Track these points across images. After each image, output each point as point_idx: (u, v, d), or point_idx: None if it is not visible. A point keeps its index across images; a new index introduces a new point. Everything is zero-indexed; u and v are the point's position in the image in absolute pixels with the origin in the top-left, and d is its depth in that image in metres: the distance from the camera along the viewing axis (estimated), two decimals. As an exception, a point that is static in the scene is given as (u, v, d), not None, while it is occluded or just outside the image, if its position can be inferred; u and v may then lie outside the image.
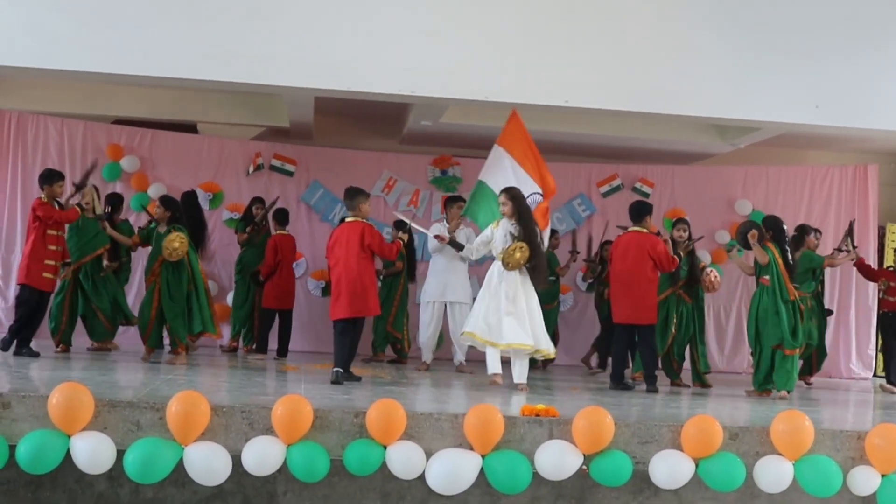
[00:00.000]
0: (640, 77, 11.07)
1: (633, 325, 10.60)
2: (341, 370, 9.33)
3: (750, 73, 11.16)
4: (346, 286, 9.51)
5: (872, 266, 13.45)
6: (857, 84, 11.28)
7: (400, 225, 12.34)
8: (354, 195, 9.73)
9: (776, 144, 14.49)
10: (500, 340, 9.67)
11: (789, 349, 10.25)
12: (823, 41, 11.26)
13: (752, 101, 11.23)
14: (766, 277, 10.44)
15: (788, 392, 10.27)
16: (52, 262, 10.48)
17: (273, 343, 12.70)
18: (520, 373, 9.73)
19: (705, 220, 14.50)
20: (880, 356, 14.60)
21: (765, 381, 10.46)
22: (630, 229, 10.74)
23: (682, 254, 11.11)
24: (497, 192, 10.35)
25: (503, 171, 10.91)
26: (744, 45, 11.17)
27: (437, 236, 10.86)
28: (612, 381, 10.58)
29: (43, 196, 10.47)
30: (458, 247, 10.72)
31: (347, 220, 9.76)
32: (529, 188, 10.66)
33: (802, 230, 12.18)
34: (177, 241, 10.44)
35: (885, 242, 15.06)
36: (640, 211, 10.79)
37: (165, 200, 11.06)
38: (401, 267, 12.56)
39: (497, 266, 9.91)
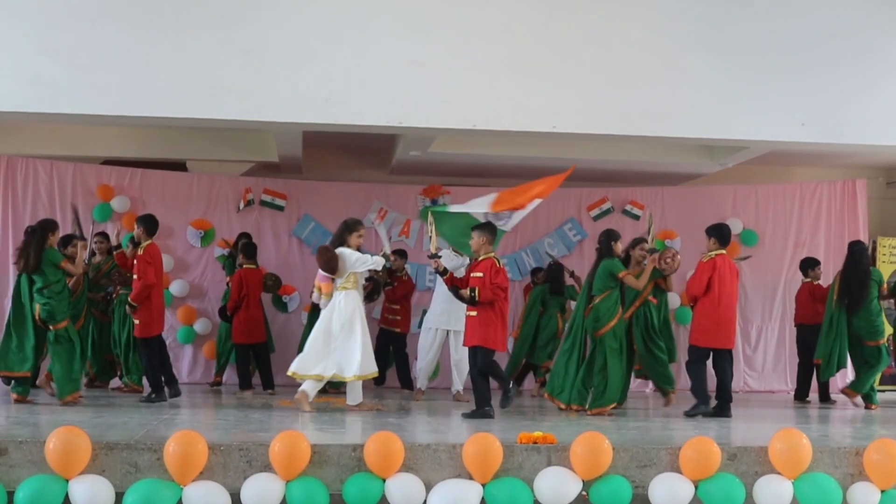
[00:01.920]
0: (626, 100, 11.09)
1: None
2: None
3: (736, 93, 11.20)
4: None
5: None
6: (842, 100, 11.30)
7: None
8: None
9: (764, 163, 14.53)
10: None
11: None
12: (807, 59, 11.29)
13: (738, 120, 11.25)
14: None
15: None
16: None
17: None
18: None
19: (696, 241, 14.43)
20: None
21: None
22: (715, 253, 10.75)
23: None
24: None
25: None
26: (728, 65, 11.20)
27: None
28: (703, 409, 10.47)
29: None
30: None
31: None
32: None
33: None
34: None
35: (876, 256, 15.08)
36: (725, 233, 10.98)
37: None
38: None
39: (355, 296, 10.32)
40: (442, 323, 11.70)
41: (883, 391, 14.20)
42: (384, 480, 6.79)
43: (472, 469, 6.86)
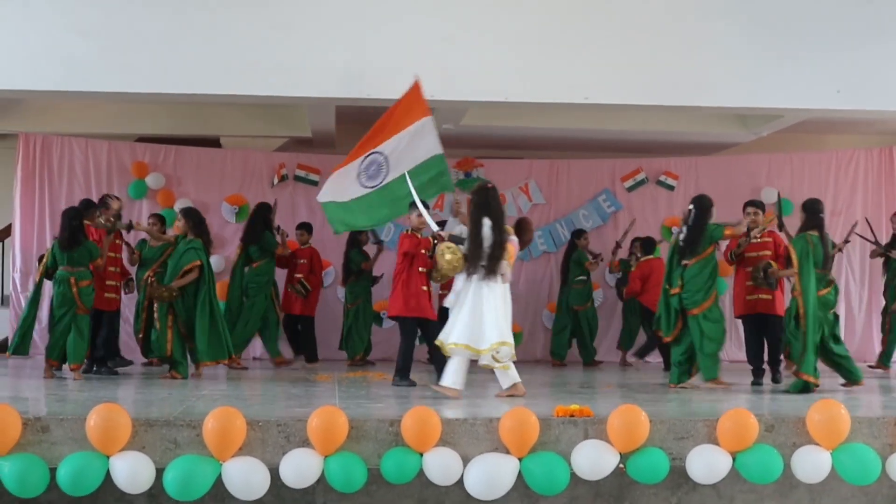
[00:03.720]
0: (660, 70, 11.03)
1: None
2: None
3: (769, 61, 11.11)
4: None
5: None
6: (878, 67, 11.20)
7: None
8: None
9: (799, 131, 14.42)
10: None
11: None
12: (842, 25, 11.19)
13: (772, 88, 11.17)
14: None
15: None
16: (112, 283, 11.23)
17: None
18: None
19: (731, 210, 14.35)
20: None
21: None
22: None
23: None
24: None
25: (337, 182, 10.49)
26: (762, 32, 11.12)
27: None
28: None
29: None
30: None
31: None
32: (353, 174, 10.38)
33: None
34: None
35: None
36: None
37: (187, 212, 11.16)
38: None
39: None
40: None
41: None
42: (421, 455, 6.82)
43: (508, 443, 6.87)
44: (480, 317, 8.91)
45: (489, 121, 13.30)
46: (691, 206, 10.22)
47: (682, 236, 10.12)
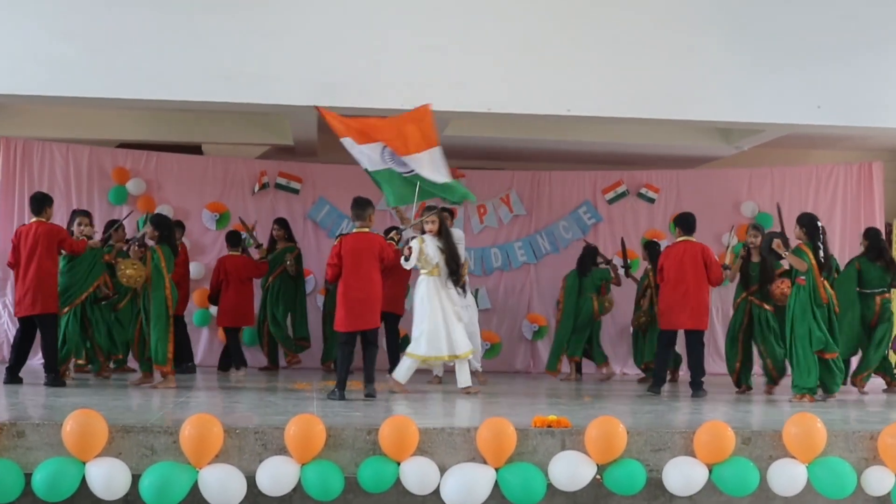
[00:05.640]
0: (642, 83, 11.09)
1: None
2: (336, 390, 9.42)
3: (752, 76, 11.19)
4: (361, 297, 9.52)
5: None
6: (859, 83, 11.30)
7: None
8: (365, 206, 9.71)
9: (780, 145, 14.48)
10: (459, 351, 10.25)
11: (830, 353, 10.09)
12: (824, 42, 11.29)
13: (754, 103, 11.26)
14: (803, 278, 10.15)
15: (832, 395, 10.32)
16: None
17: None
18: (466, 378, 10.34)
19: (711, 224, 14.44)
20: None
21: (802, 384, 10.16)
22: (679, 239, 11.08)
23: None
24: (374, 170, 10.68)
25: (367, 153, 10.66)
26: (745, 48, 11.20)
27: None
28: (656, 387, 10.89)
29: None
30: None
31: (357, 230, 9.71)
32: (378, 154, 10.65)
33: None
34: (130, 269, 9.99)
35: (892, 239, 15.02)
36: (689, 222, 11.15)
37: (156, 220, 10.57)
38: None
39: (428, 282, 10.26)
40: None
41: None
42: (399, 464, 6.81)
43: (485, 453, 6.87)
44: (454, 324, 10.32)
45: (471, 131, 13.30)
46: (821, 225, 10.32)
47: (822, 254, 10.17)
